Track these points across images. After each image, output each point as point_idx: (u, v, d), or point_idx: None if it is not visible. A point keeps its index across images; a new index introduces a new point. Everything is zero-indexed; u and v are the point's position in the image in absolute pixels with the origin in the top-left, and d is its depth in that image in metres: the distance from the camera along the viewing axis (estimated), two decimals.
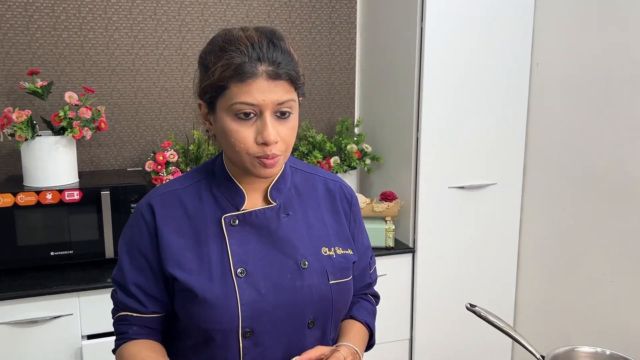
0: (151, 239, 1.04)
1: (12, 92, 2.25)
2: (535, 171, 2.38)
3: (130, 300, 1.06)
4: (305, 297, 1.03)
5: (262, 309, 1.00)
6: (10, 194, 1.94)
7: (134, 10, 2.36)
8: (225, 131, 0.97)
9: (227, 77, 0.94)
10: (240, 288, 0.99)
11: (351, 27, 2.68)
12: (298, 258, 1.04)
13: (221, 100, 0.97)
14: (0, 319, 1.84)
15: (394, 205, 2.28)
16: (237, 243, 1.02)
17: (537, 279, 2.41)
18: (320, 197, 1.13)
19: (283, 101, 0.96)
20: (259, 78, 0.94)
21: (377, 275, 1.29)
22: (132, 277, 1.05)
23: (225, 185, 1.06)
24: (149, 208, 1.05)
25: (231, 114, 0.96)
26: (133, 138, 2.45)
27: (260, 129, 0.96)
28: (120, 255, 1.07)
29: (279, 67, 0.95)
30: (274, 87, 0.94)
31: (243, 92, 0.94)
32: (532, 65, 2.33)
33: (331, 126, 2.70)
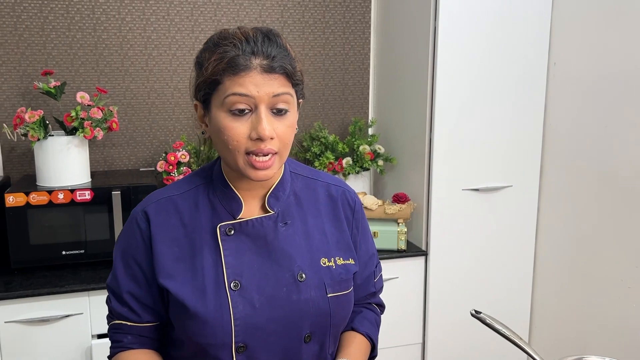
0: (145, 248, 1.01)
1: (28, 93, 2.28)
2: (552, 173, 2.32)
3: (124, 310, 1.04)
4: (302, 311, 0.99)
5: (256, 323, 0.97)
6: (23, 194, 1.96)
7: (147, 10, 2.36)
8: (219, 128, 0.94)
9: (221, 70, 0.92)
10: (234, 302, 0.96)
11: (365, 26, 2.65)
12: (295, 270, 1.00)
13: (215, 96, 0.94)
14: (12, 317, 1.86)
15: (406, 207, 2.24)
16: (232, 254, 0.99)
17: (553, 284, 2.35)
18: (322, 204, 1.09)
19: (278, 93, 0.92)
20: (252, 71, 0.91)
21: (383, 283, 1.25)
22: (126, 285, 1.03)
23: (222, 192, 1.03)
24: (144, 216, 1.02)
25: (225, 109, 0.93)
26: (146, 138, 2.46)
27: (255, 124, 0.92)
28: (115, 262, 1.05)
29: (274, 61, 0.92)
30: (268, 80, 0.92)
31: (237, 85, 0.91)
32: (549, 64, 2.28)
33: (344, 127, 2.68)
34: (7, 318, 1.85)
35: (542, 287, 2.41)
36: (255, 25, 2.48)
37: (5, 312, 1.85)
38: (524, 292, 2.43)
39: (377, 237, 2.22)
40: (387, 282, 2.24)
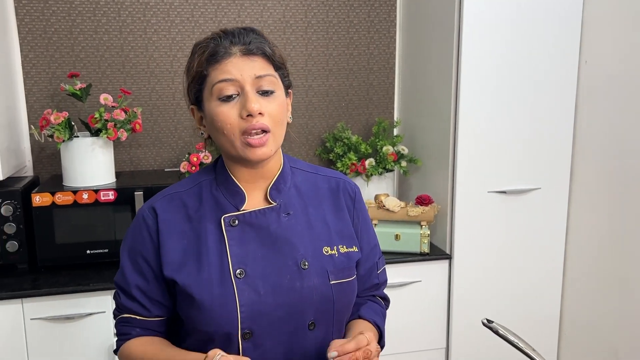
0: (153, 243, 1.05)
1: (56, 95, 2.33)
2: (583, 175, 2.24)
3: (134, 305, 1.07)
4: (306, 298, 1.02)
5: (261, 310, 0.99)
6: (49, 194, 2.01)
7: (172, 12, 2.39)
8: (212, 118, 0.99)
9: (204, 62, 0.99)
10: (239, 289, 0.99)
11: (391, 25, 2.61)
12: (298, 258, 1.03)
13: (205, 91, 1.00)
14: (37, 315, 1.90)
15: (429, 209, 2.20)
16: (236, 244, 1.02)
17: (584, 290, 2.27)
18: (322, 195, 1.12)
19: (261, 75, 0.98)
20: (232, 57, 0.98)
21: (387, 278, 1.25)
22: (135, 281, 1.06)
23: (225, 186, 1.06)
24: (151, 212, 1.06)
25: (215, 98, 0.98)
26: (171, 139, 2.48)
27: (243, 103, 0.97)
28: (122, 259, 1.08)
29: (251, 44, 0.99)
30: (249, 62, 0.98)
31: (220, 72, 0.98)
32: (580, 62, 2.19)
33: (368, 127, 2.65)
34: (33, 315, 1.90)
35: (572, 294, 2.33)
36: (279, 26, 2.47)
37: (31, 309, 1.90)
38: (552, 299, 2.35)
39: (399, 240, 2.18)
40: (409, 286, 2.21)
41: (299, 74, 2.54)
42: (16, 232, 2.00)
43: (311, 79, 2.56)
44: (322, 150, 2.55)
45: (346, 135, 2.45)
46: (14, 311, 1.88)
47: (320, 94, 2.59)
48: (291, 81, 1.10)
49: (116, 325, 1.11)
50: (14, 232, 2.00)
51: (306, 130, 2.59)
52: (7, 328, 1.88)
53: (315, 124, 2.60)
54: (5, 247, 2.00)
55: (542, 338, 2.36)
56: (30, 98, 2.31)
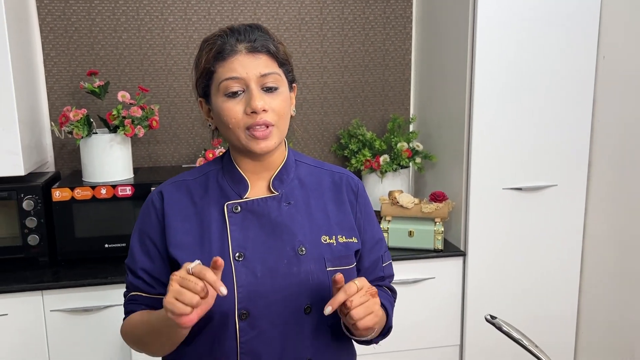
0: (159, 224, 1.10)
1: (77, 92, 2.38)
2: (601, 172, 2.21)
3: (139, 282, 1.12)
4: (302, 282, 1.05)
5: (258, 291, 1.03)
6: (68, 189, 2.06)
7: (189, 11, 2.42)
8: (219, 112, 1.04)
9: (211, 59, 1.03)
10: (237, 271, 1.04)
11: (407, 21, 2.60)
12: (296, 245, 1.07)
13: (212, 86, 1.05)
14: (57, 307, 1.95)
15: (443, 206, 2.19)
16: (237, 229, 1.07)
17: (601, 289, 2.24)
18: (325, 188, 1.16)
19: (266, 73, 1.03)
20: (238, 54, 1.02)
21: (394, 272, 1.27)
22: (141, 261, 1.11)
23: (231, 175, 1.12)
24: (159, 195, 1.12)
25: (221, 94, 1.03)
26: (189, 135, 2.52)
27: (248, 100, 1.02)
28: (132, 241, 1.14)
29: (256, 42, 1.03)
30: (254, 60, 1.02)
31: (227, 70, 1.02)
32: (598, 58, 2.16)
33: (384, 124, 2.65)
34: (52, 307, 1.95)
35: (589, 292, 2.30)
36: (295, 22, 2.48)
37: (51, 301, 1.95)
38: (569, 298, 2.32)
39: (412, 236, 2.18)
40: (423, 282, 2.21)
41: (314, 71, 2.55)
42: (37, 226, 2.06)
43: (326, 75, 2.57)
44: (337, 147, 2.56)
45: (361, 132, 2.45)
46: (35, 303, 1.94)
47: (335, 90, 2.60)
48: (295, 76, 1.14)
49: (124, 305, 1.16)
50: (35, 226, 2.05)
51: (321, 126, 2.60)
52: (28, 319, 1.94)
53: (330, 120, 2.61)
54: (26, 241, 2.05)
55: (558, 337, 2.34)
56: (52, 95, 2.37)
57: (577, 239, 2.28)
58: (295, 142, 2.55)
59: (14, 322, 1.93)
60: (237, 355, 1.05)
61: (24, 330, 1.94)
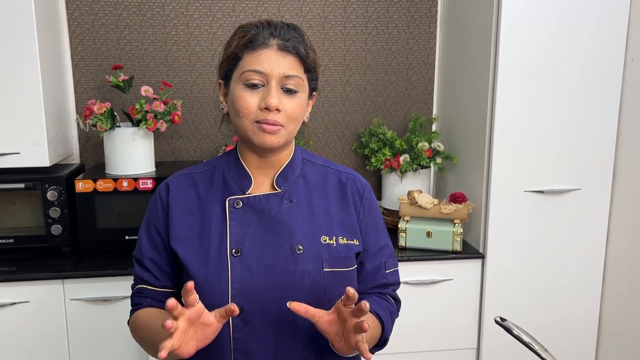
0: (164, 215, 1.12)
1: (102, 86, 2.43)
2: (626, 176, 2.15)
3: (145, 274, 1.13)
4: (297, 282, 1.04)
5: (252, 287, 1.03)
6: (91, 180, 2.10)
7: (214, 7, 2.44)
8: (234, 99, 1.05)
9: (241, 46, 1.04)
10: (233, 267, 1.04)
11: (431, 20, 2.58)
12: (293, 243, 1.06)
13: (235, 72, 1.05)
14: (77, 296, 1.99)
15: (463, 207, 2.17)
16: (237, 224, 1.07)
17: (625, 298, 2.19)
18: (330, 188, 1.15)
19: (290, 75, 1.03)
20: (268, 48, 1.02)
21: (400, 280, 1.23)
22: (148, 252, 1.13)
23: (236, 170, 1.12)
24: (165, 187, 1.14)
25: (241, 82, 1.03)
26: (210, 131, 2.54)
27: (265, 96, 1.02)
28: (140, 233, 1.16)
29: (289, 42, 1.03)
30: (282, 59, 1.02)
31: (254, 61, 1.02)
32: (626, 59, 2.11)
33: (406, 123, 2.63)
34: (73, 296, 1.99)
35: (612, 299, 2.25)
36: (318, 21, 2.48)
37: (71, 290, 1.99)
38: (591, 304, 2.27)
39: (431, 237, 2.16)
40: (440, 284, 2.19)
41: (337, 69, 2.55)
42: (60, 217, 2.10)
43: (349, 74, 2.57)
44: (358, 146, 2.55)
45: (382, 131, 2.44)
46: (56, 291, 1.98)
47: (357, 89, 2.59)
48: (317, 85, 1.13)
49: (131, 297, 1.17)
50: (58, 216, 2.10)
51: (342, 125, 2.60)
52: (49, 307, 1.98)
53: (352, 119, 2.60)
54: (50, 230, 2.10)
55: (578, 344, 2.29)
56: (79, 89, 2.42)
57: (600, 245, 2.23)
58: (316, 139, 2.55)
59: (35, 310, 1.97)
60: (231, 352, 1.05)
61: (45, 317, 1.98)
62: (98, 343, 2.02)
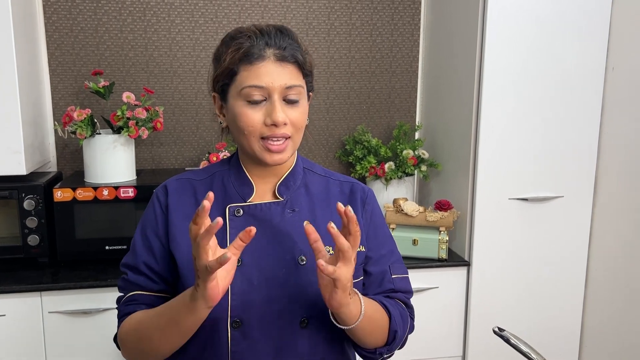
0: (163, 217, 1.08)
1: (81, 92, 2.37)
2: (608, 184, 2.19)
3: (140, 279, 1.07)
4: (299, 294, 1.01)
5: (253, 300, 1.00)
6: (70, 189, 2.04)
7: (196, 13, 2.40)
8: (235, 116, 1.00)
9: (237, 60, 0.98)
10: (233, 277, 0.97)
11: (414, 28, 2.59)
12: (296, 254, 1.03)
13: (232, 87, 1.00)
14: (55, 308, 1.93)
15: (448, 215, 2.17)
16: (237, 233, 0.99)
17: (607, 303, 2.21)
18: (332, 198, 1.12)
19: (291, 85, 0.99)
20: (266, 60, 0.98)
21: (411, 288, 1.18)
22: (143, 256, 1.07)
23: (236, 177, 1.08)
24: (163, 189, 1.10)
25: (242, 99, 0.99)
26: (192, 138, 2.50)
27: (269, 111, 0.98)
28: (135, 239, 1.11)
29: (285, 50, 0.99)
30: (281, 70, 0.98)
31: (252, 76, 0.97)
32: (607, 69, 2.14)
33: (389, 131, 2.63)
34: (51, 308, 1.93)
35: (594, 306, 2.28)
36: (302, 27, 2.45)
37: (50, 302, 1.92)
38: (574, 311, 2.30)
39: (417, 245, 2.16)
40: (426, 292, 2.18)
41: (320, 76, 2.54)
42: (38, 226, 2.03)
43: (333, 81, 2.56)
44: (342, 153, 2.54)
45: (366, 138, 2.43)
46: (33, 304, 1.91)
47: (341, 96, 2.58)
48: (313, 86, 1.11)
49: (120, 307, 1.09)
50: (35, 226, 2.03)
51: (326, 132, 2.58)
52: (26, 320, 1.91)
53: (335, 126, 2.59)
54: (26, 241, 2.03)
55: (562, 350, 2.31)
56: (56, 95, 2.36)
57: (582, 251, 2.26)
58: (300, 147, 2.53)
59: (12, 323, 1.90)
60: None
61: (22, 331, 1.91)
62: (77, 358, 1.96)
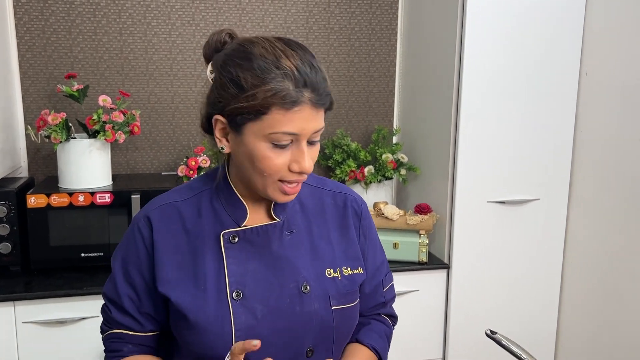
0: (147, 255, 0.99)
1: (54, 95, 2.30)
2: (582, 186, 2.24)
3: (126, 319, 1.01)
4: (305, 323, 0.96)
5: (258, 335, 0.93)
6: (44, 195, 1.98)
7: (173, 15, 2.37)
8: (255, 156, 0.91)
9: (272, 103, 0.87)
10: (235, 312, 0.94)
11: (392, 33, 2.61)
12: (299, 281, 0.98)
13: (255, 125, 0.89)
14: (29, 318, 1.87)
15: (428, 218, 2.19)
16: (235, 262, 0.96)
17: (582, 302, 2.26)
18: (328, 212, 1.06)
19: (318, 129, 0.92)
20: (302, 105, 0.88)
21: (395, 293, 1.20)
22: (127, 293, 1.00)
23: (227, 199, 1.00)
24: (146, 222, 1.00)
25: (268, 141, 0.89)
26: (169, 142, 2.46)
27: (297, 157, 0.91)
28: (114, 269, 1.03)
29: (320, 94, 0.89)
30: (315, 115, 0.90)
31: (287, 121, 0.88)
32: (581, 74, 2.20)
33: (368, 135, 2.64)
34: (24, 319, 1.86)
35: (570, 306, 2.32)
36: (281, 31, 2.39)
37: (23, 312, 1.86)
38: (550, 311, 2.34)
39: (397, 249, 2.17)
40: (407, 295, 2.19)
41: None
42: (10, 234, 1.97)
43: None
44: (321, 157, 2.54)
45: (345, 142, 2.43)
46: (6, 314, 1.85)
47: None
48: None
49: (105, 341, 1.05)
50: (7, 233, 1.96)
51: None
52: None
53: None
54: None
55: (539, 349, 2.35)
56: (27, 98, 2.29)
57: (558, 253, 2.31)
58: None
59: None
60: None
61: None
62: None
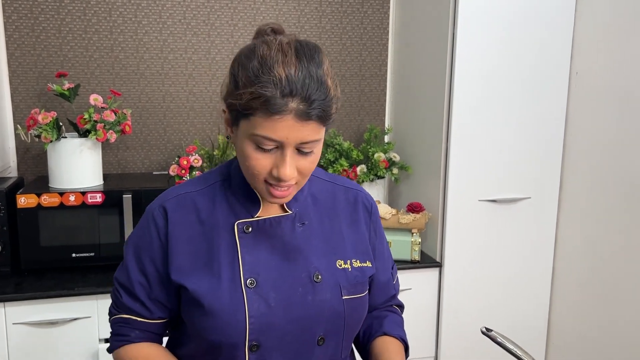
0: (161, 245, 1.00)
1: (44, 94, 2.28)
2: (572, 185, 2.26)
3: (135, 305, 1.03)
4: (317, 312, 0.98)
5: (271, 322, 0.96)
6: (34, 195, 1.96)
7: (164, 14, 2.36)
8: (243, 153, 0.92)
9: (254, 107, 0.87)
10: (249, 300, 0.95)
11: (383, 32, 2.61)
12: (311, 271, 1.00)
13: (244, 123, 0.90)
14: (21, 319, 1.85)
15: (420, 217, 2.19)
16: (248, 251, 0.98)
17: (572, 300, 2.28)
18: (339, 206, 1.08)
19: (307, 141, 0.89)
20: (286, 115, 0.86)
21: (400, 285, 1.25)
22: (138, 279, 1.02)
23: (241, 191, 1.02)
24: (161, 212, 1.01)
25: (252, 141, 0.90)
26: (160, 142, 2.45)
27: (278, 163, 0.90)
28: (127, 256, 1.04)
29: (311, 106, 0.86)
30: (300, 127, 0.87)
31: (269, 127, 0.87)
32: (571, 74, 2.22)
33: (360, 134, 2.64)
34: (15, 320, 1.85)
35: (560, 303, 2.34)
36: None
37: (14, 313, 1.84)
38: (541, 308, 2.36)
39: (390, 247, 2.17)
40: (399, 293, 2.19)
41: None
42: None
43: None
44: None
45: (338, 142, 2.43)
46: None
47: None
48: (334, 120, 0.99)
49: (113, 325, 1.07)
50: None
51: None
52: None
53: None
54: None
55: (530, 346, 2.36)
56: (16, 97, 2.26)
57: (549, 251, 2.33)
58: None
59: None
60: None
61: None
62: None
